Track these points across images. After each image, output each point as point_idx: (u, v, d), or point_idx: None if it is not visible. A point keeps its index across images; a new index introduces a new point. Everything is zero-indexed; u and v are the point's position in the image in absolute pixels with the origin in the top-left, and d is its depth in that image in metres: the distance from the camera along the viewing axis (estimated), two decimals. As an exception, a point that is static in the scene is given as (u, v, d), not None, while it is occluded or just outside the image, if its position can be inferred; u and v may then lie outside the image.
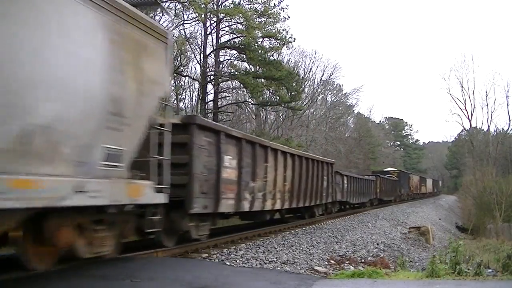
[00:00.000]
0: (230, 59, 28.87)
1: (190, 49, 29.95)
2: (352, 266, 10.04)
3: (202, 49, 28.73)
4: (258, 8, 26.36)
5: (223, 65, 28.35)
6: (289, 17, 27.43)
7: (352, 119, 60.58)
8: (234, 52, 28.08)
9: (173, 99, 33.21)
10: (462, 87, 53.51)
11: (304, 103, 41.39)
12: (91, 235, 5.80)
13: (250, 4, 26.59)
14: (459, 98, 56.36)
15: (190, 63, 33.16)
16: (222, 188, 9.30)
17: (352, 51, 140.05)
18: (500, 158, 53.19)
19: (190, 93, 37.91)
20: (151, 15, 26.69)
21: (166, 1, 23.69)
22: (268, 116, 41.42)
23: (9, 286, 5.21)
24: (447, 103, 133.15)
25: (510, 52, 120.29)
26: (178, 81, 32.84)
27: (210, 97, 28.28)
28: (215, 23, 27.97)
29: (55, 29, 4.68)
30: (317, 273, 8.40)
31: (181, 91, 34.30)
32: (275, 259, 8.76)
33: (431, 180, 70.45)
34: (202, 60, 28.38)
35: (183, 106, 36.76)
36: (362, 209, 27.61)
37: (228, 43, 27.72)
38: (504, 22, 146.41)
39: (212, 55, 28.59)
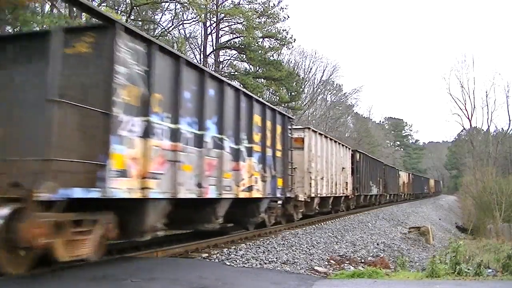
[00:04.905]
0: (230, 59, 28.90)
1: (190, 49, 30.03)
2: (352, 266, 10.03)
3: (202, 49, 28.78)
4: (257, 8, 26.38)
5: (223, 65, 28.38)
6: (288, 17, 27.52)
7: (351, 119, 60.71)
8: (234, 52, 28.11)
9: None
10: (462, 87, 53.54)
11: (304, 103, 41.43)
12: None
13: (249, 4, 26.62)
14: (459, 98, 56.41)
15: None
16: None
17: (352, 51, 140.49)
18: (500, 158, 53.25)
19: (190, 93, 37.96)
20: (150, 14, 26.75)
21: (166, 1, 23.71)
22: (268, 116, 41.37)
23: (7, 286, 5.21)
24: (447, 103, 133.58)
25: (510, 52, 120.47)
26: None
27: (210, 97, 28.26)
28: (215, 23, 28.01)
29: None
30: (317, 273, 8.39)
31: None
32: (275, 259, 8.76)
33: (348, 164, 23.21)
34: (202, 60, 28.42)
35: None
36: (362, 209, 27.30)
37: (228, 43, 27.75)
38: (504, 22, 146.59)
39: (212, 55, 28.63)
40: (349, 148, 22.51)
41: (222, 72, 27.47)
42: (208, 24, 28.08)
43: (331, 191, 18.47)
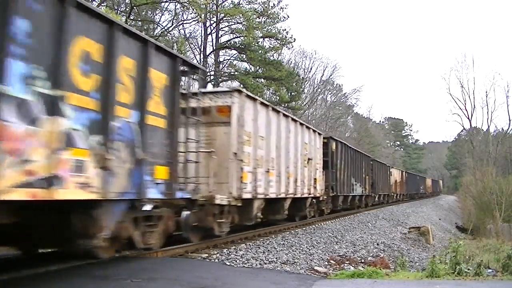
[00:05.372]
0: (230, 59, 28.91)
1: (190, 49, 30.05)
2: (352, 266, 10.03)
3: (202, 49, 28.78)
4: (257, 8, 26.42)
5: (223, 65, 28.39)
6: (288, 17, 27.56)
7: (351, 119, 60.81)
8: (234, 52, 28.13)
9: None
10: (462, 87, 53.51)
11: (304, 103, 41.45)
12: None
13: (249, 4, 26.64)
14: (459, 98, 56.42)
15: (190, 63, 33.13)
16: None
17: (352, 51, 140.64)
18: (500, 158, 53.23)
19: (190, 93, 37.94)
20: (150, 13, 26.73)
21: (166, 1, 23.73)
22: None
23: (9, 286, 5.21)
24: (447, 103, 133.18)
25: (510, 52, 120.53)
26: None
27: (210, 97, 28.26)
28: (215, 23, 28.02)
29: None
30: (317, 273, 8.39)
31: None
32: (275, 259, 8.76)
33: None
34: (202, 60, 28.44)
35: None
36: (362, 209, 26.94)
37: (228, 43, 27.76)
38: (504, 22, 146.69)
39: (212, 55, 28.63)
40: (319, 133, 17.24)
41: (222, 72, 27.51)
42: (208, 24, 28.11)
43: (288, 190, 13.32)
